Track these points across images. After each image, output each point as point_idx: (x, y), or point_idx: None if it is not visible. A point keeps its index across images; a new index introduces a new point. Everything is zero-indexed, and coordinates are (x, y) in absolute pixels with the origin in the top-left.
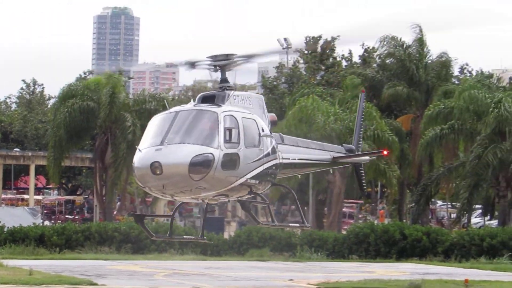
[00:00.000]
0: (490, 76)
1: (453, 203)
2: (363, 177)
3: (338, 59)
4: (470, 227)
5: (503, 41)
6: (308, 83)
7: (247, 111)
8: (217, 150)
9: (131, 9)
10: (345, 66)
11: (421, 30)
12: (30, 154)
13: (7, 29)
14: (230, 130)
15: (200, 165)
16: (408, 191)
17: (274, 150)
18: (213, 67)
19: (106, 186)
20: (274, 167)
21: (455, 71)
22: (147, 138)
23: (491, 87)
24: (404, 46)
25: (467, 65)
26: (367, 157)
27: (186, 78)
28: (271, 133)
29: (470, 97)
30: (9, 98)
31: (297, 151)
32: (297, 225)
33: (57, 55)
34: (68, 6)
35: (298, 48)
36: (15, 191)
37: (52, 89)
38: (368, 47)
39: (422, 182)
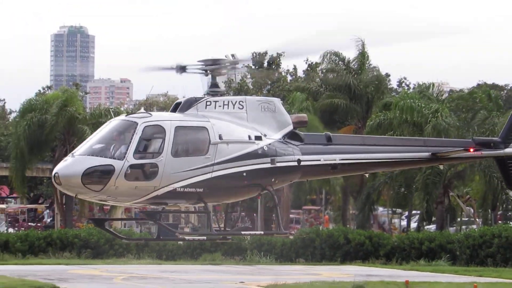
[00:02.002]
0: (428, 87)
1: (393, 209)
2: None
3: (283, 73)
4: (409, 231)
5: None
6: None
7: (196, 119)
8: (121, 162)
9: (86, 27)
10: (290, 80)
11: (363, 45)
12: None
13: None
14: (147, 140)
15: (96, 176)
16: (351, 197)
17: (254, 155)
18: (203, 71)
19: (66, 195)
20: (262, 172)
21: (394, 84)
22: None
23: (431, 98)
24: (346, 61)
25: (405, 78)
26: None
27: (139, 93)
28: (293, 134)
29: (408, 108)
30: None
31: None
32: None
33: (17, 72)
34: (27, 25)
35: (246, 63)
36: None
37: (13, 104)
38: (312, 62)
39: (365, 190)
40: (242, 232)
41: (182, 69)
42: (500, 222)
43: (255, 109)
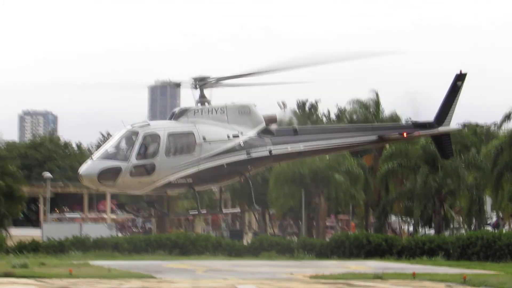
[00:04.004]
0: None
1: (403, 218)
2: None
3: (320, 116)
4: (415, 235)
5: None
6: None
7: (184, 126)
8: (126, 163)
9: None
10: (325, 121)
11: (377, 94)
12: None
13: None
14: (146, 145)
15: (108, 175)
16: (371, 209)
17: (232, 149)
18: (194, 86)
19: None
20: (240, 162)
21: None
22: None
23: None
24: (365, 106)
25: (410, 118)
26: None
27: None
28: (265, 130)
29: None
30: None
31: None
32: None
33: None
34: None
35: (292, 109)
36: (97, 212)
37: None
38: (340, 107)
39: (382, 204)
40: (224, 211)
41: (177, 85)
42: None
43: (234, 113)
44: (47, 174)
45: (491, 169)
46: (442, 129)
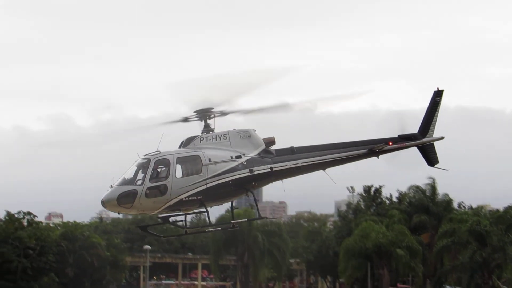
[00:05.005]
0: (481, 208)
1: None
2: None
3: (383, 199)
4: None
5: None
6: (365, 213)
7: (191, 151)
8: (141, 186)
9: None
10: (388, 203)
11: (433, 180)
12: (198, 256)
13: None
14: (158, 169)
15: (126, 198)
16: (428, 279)
17: (236, 168)
18: (198, 118)
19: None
20: (244, 179)
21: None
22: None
23: (480, 215)
24: (423, 191)
25: (462, 202)
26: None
27: None
28: (266, 151)
29: (464, 221)
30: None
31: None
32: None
33: None
34: None
35: (359, 193)
36: (190, 279)
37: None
38: (401, 192)
39: (437, 275)
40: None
41: (185, 119)
42: None
43: (236, 138)
44: (147, 246)
45: None
46: (426, 139)
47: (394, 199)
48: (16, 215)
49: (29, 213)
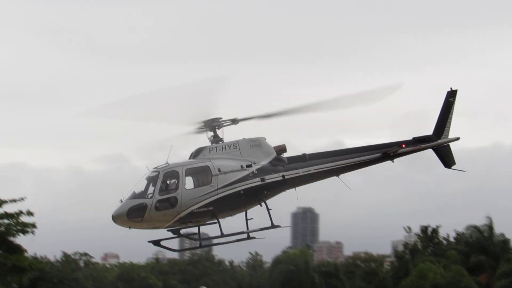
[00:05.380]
0: None
1: None
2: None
3: (440, 239)
4: None
5: None
6: (423, 254)
7: (200, 161)
8: (150, 199)
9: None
10: (445, 243)
11: (491, 220)
12: None
13: None
14: (167, 182)
15: (136, 212)
16: None
17: (247, 177)
18: (208, 128)
19: None
20: (255, 188)
21: None
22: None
23: None
24: (480, 231)
25: None
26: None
27: None
28: (277, 159)
29: None
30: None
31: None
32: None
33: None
34: None
35: (416, 233)
36: None
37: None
38: (459, 232)
39: None
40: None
41: (197, 131)
42: None
43: (245, 147)
44: (203, 287)
45: None
46: (441, 141)
47: (451, 239)
48: (72, 256)
49: (86, 254)
